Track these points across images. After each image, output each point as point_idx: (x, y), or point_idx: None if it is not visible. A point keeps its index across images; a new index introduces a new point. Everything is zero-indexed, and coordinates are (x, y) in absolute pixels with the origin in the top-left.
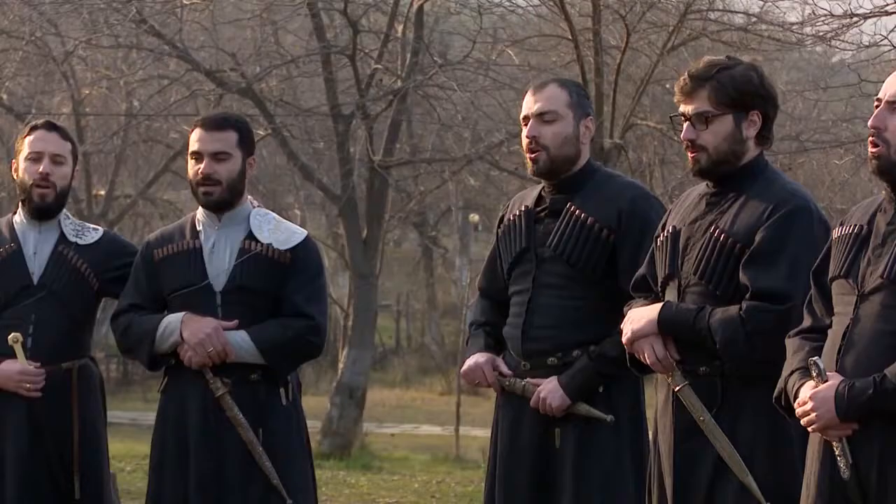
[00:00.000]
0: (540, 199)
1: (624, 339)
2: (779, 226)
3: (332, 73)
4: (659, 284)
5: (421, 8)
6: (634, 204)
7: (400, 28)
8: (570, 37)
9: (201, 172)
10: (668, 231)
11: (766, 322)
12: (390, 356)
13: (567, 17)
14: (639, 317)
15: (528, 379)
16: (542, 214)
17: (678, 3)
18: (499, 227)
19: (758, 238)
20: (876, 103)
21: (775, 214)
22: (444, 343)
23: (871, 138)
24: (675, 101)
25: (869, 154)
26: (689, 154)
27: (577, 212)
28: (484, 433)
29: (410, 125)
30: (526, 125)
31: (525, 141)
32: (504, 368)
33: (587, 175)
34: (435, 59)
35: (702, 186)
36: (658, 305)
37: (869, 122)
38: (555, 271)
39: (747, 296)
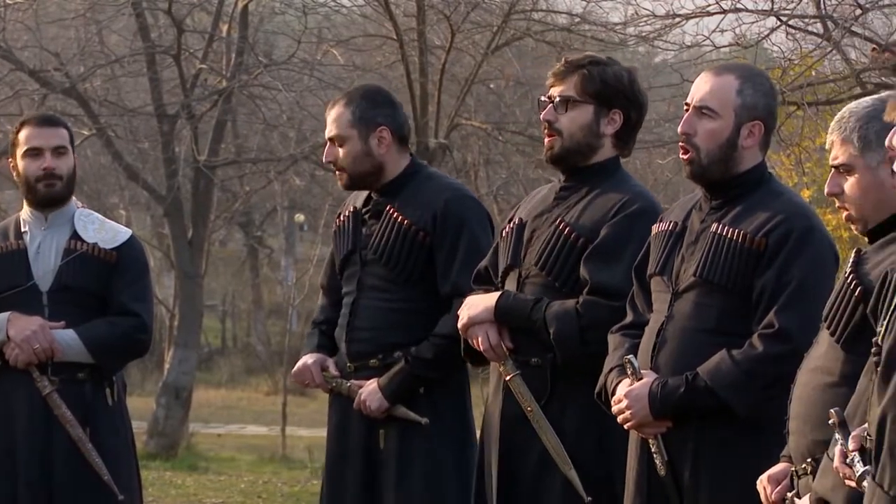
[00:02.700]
0: (368, 199)
1: (459, 325)
2: (624, 223)
3: (157, 73)
4: (500, 275)
5: (245, 8)
6: (449, 206)
7: (225, 28)
8: (394, 37)
9: (45, 168)
10: (513, 223)
11: (600, 317)
12: (216, 356)
13: (392, 17)
14: (476, 303)
15: (352, 381)
16: (367, 216)
17: (502, 4)
18: (335, 224)
19: (602, 234)
20: (685, 108)
21: (621, 213)
22: (270, 343)
23: (681, 144)
24: (547, 84)
25: (681, 160)
26: (545, 138)
27: (396, 215)
28: (310, 433)
29: (235, 125)
30: None
31: None
32: (333, 369)
33: (408, 178)
34: (260, 58)
35: (553, 183)
36: (496, 293)
37: (679, 129)
38: (376, 274)
39: (585, 290)
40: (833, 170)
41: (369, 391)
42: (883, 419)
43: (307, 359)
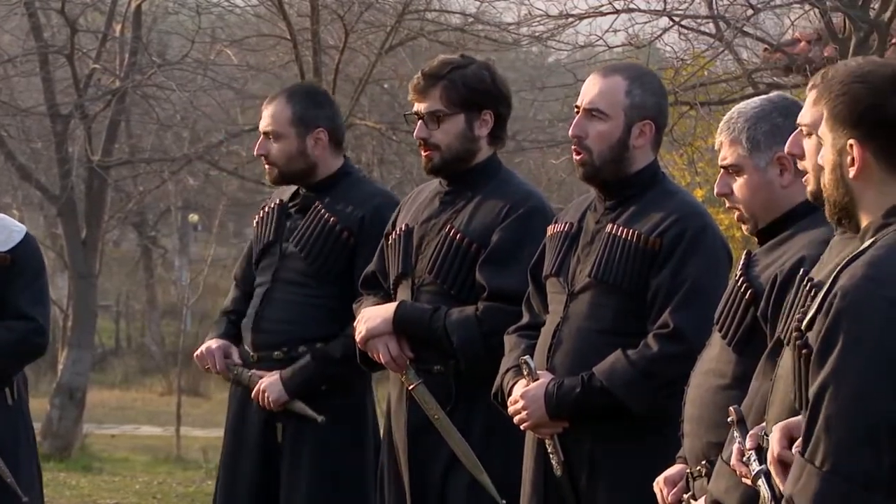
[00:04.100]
0: (296, 193)
1: (358, 338)
2: (515, 227)
3: (50, 73)
4: (391, 283)
5: (139, 7)
6: (378, 211)
7: (118, 28)
8: (288, 37)
9: None
10: (399, 229)
11: (501, 322)
12: (110, 357)
13: (285, 16)
14: (373, 315)
15: (253, 370)
16: (293, 210)
17: (396, 4)
18: (258, 215)
19: (494, 238)
20: (576, 110)
21: (512, 215)
22: (165, 343)
23: (573, 147)
24: (410, 99)
25: (574, 162)
26: (422, 152)
27: (323, 211)
28: (204, 433)
29: (129, 125)
30: None
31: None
32: (236, 357)
33: (340, 178)
34: (153, 58)
35: (433, 184)
36: (393, 305)
37: (570, 131)
38: (294, 268)
39: (483, 296)
40: (722, 170)
41: (270, 382)
42: (821, 393)
43: (211, 343)
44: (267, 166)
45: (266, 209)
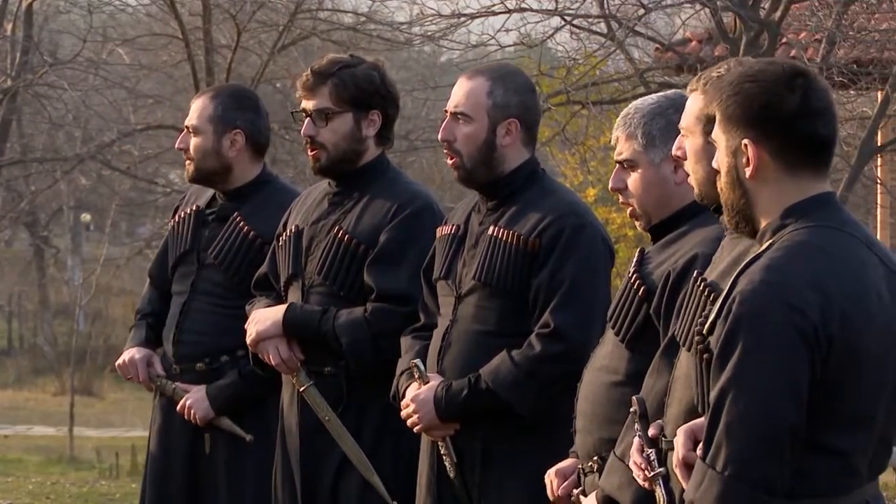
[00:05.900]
0: (214, 200)
1: (248, 341)
2: (403, 227)
3: None
4: (282, 284)
5: (30, 6)
6: None
7: (9, 26)
8: (180, 36)
9: None
10: (290, 230)
11: (390, 323)
12: (2, 357)
13: (177, 15)
14: (263, 318)
15: (178, 383)
16: (211, 219)
17: (288, 3)
18: (173, 217)
19: (382, 239)
20: (445, 113)
21: (399, 215)
22: (57, 343)
23: (445, 150)
24: (297, 97)
25: (449, 165)
26: (309, 151)
27: (241, 223)
28: (98, 433)
29: (21, 124)
30: None
31: None
32: (158, 367)
33: (258, 186)
34: (45, 57)
35: (323, 184)
36: (283, 307)
37: (439, 136)
38: (213, 279)
39: (372, 297)
40: (617, 165)
41: (196, 398)
42: (722, 398)
43: (134, 353)
44: (187, 162)
45: (182, 214)
